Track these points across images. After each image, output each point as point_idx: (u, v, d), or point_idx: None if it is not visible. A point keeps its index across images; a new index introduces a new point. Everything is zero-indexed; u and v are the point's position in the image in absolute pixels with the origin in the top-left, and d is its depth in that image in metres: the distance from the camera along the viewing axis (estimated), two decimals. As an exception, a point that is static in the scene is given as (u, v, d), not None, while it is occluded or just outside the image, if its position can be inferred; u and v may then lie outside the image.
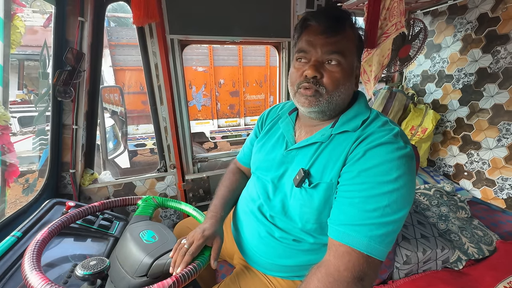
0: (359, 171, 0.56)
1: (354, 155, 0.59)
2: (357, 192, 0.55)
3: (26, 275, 0.51)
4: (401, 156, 0.55)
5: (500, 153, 1.48)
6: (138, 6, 1.06)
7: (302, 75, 0.64)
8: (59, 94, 1.12)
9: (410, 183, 0.55)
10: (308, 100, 0.64)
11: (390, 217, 0.52)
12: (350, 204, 0.56)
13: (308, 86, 0.63)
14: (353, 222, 0.54)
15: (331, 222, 0.59)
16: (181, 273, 0.57)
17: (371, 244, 0.52)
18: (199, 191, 1.55)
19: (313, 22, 0.63)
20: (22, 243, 0.76)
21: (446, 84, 1.72)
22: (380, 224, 0.52)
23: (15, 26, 1.03)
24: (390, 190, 0.53)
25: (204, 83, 4.23)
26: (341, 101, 0.65)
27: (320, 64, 0.62)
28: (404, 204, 0.54)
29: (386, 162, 0.54)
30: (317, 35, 0.62)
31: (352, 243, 0.53)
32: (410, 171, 0.55)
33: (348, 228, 0.54)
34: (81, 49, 1.14)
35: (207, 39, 1.39)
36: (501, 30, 1.40)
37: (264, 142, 0.83)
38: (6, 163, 1.07)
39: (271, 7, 1.43)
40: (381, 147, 0.56)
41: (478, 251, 1.11)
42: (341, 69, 0.62)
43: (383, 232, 0.52)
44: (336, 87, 0.63)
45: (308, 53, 0.64)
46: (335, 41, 0.61)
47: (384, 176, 0.53)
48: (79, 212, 0.75)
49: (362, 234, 0.52)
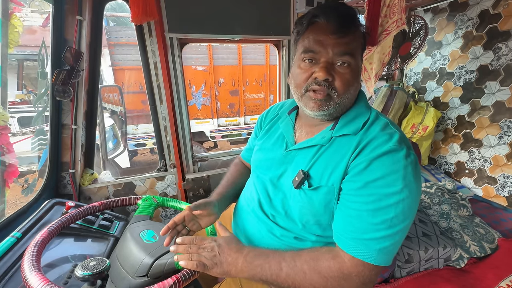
0: (365, 182, 0.55)
1: (358, 164, 0.57)
2: (365, 205, 0.55)
3: (26, 276, 0.50)
4: (406, 165, 0.54)
5: (501, 151, 1.48)
6: (136, 4, 1.05)
7: (311, 77, 0.61)
8: (58, 93, 1.11)
9: (415, 191, 0.55)
10: (317, 104, 0.61)
11: (397, 228, 0.53)
12: (358, 216, 0.56)
13: (319, 89, 0.60)
14: (362, 236, 0.54)
15: (339, 233, 0.59)
16: (182, 273, 0.57)
17: (380, 256, 0.53)
18: (199, 191, 1.55)
19: (321, 19, 0.59)
20: (22, 244, 0.76)
21: (447, 82, 1.72)
22: (388, 236, 0.53)
23: (12, 26, 1.02)
24: (396, 202, 0.53)
25: (203, 82, 4.22)
26: (349, 102, 0.64)
27: (330, 66, 0.59)
28: (410, 213, 0.54)
29: (392, 173, 0.53)
30: (327, 35, 0.58)
31: (363, 257, 0.54)
32: (415, 178, 0.55)
33: (359, 242, 0.55)
34: (80, 48, 1.13)
35: (206, 37, 1.38)
36: (503, 27, 1.39)
37: (264, 141, 0.82)
38: (5, 163, 1.06)
39: (271, 5, 1.42)
40: (386, 157, 0.55)
41: (480, 249, 1.11)
42: (351, 70, 0.60)
43: (391, 243, 0.54)
44: (347, 89, 0.60)
45: (317, 53, 0.60)
46: (347, 42, 0.58)
47: (390, 187, 0.53)
48: (79, 212, 0.75)
49: (371, 248, 0.53)
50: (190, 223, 0.72)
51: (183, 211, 0.71)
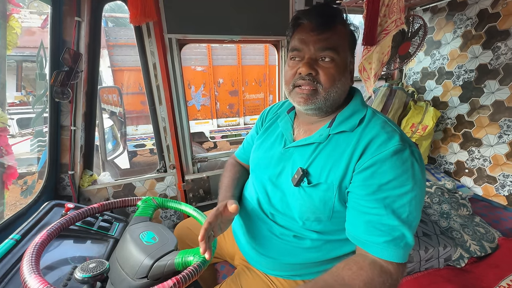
0: (378, 185, 0.57)
1: (365, 165, 0.58)
2: (383, 209, 0.56)
3: (25, 279, 0.50)
4: (413, 162, 0.57)
5: (501, 150, 1.48)
6: (135, 5, 1.05)
7: (297, 73, 0.64)
8: (57, 95, 1.11)
9: (423, 185, 0.59)
10: (303, 98, 0.64)
11: (413, 223, 0.57)
12: (379, 221, 0.57)
13: (304, 83, 0.63)
14: (388, 238, 0.56)
15: (365, 239, 0.59)
16: (182, 274, 0.57)
17: (405, 253, 0.57)
18: (199, 191, 1.55)
19: (304, 20, 0.64)
20: (21, 246, 0.76)
21: (446, 81, 1.72)
22: (408, 233, 0.56)
23: (11, 27, 1.02)
24: (409, 200, 0.56)
25: (203, 83, 4.22)
26: (337, 97, 0.66)
27: (314, 61, 0.63)
28: (421, 206, 0.59)
29: (402, 173, 0.56)
30: (308, 33, 0.63)
31: (396, 258, 0.56)
32: (422, 174, 0.58)
33: (388, 246, 0.56)
34: (78, 50, 1.13)
35: (205, 38, 1.38)
36: (502, 26, 1.39)
37: (263, 140, 0.83)
38: (4, 165, 1.06)
39: (270, 5, 1.42)
40: (395, 158, 0.56)
41: (480, 249, 1.11)
42: (335, 65, 0.63)
43: (411, 238, 0.57)
44: (333, 83, 0.63)
45: (301, 51, 0.64)
46: (327, 37, 0.62)
47: (402, 187, 0.56)
48: (78, 214, 0.75)
49: (399, 247, 0.56)
50: (216, 227, 0.67)
51: (215, 209, 0.68)
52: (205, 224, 0.62)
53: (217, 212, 0.67)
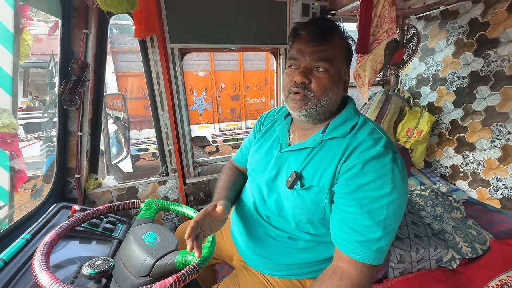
0: (357, 186, 0.60)
1: (348, 167, 0.62)
2: (359, 208, 0.59)
3: (36, 275, 0.54)
4: (393, 168, 0.59)
5: (493, 154, 1.51)
6: (139, 21, 1.11)
7: (292, 81, 0.68)
8: (65, 102, 1.17)
9: (403, 192, 0.60)
10: (297, 105, 0.68)
11: (389, 228, 0.58)
12: (353, 219, 0.60)
13: (297, 91, 0.67)
14: (360, 238, 0.58)
15: (338, 236, 0.62)
16: (182, 272, 0.60)
17: (377, 256, 0.58)
18: (199, 195, 1.59)
19: (303, 31, 0.68)
20: (31, 245, 0.80)
21: (440, 87, 1.76)
22: (383, 236, 0.58)
23: (23, 39, 1.08)
24: (387, 203, 0.57)
25: (205, 88, 4.28)
26: (329, 105, 0.69)
27: (308, 71, 0.66)
28: (400, 213, 0.60)
29: (382, 176, 0.58)
30: (306, 44, 0.66)
31: (364, 259, 0.58)
32: (403, 180, 0.60)
33: (359, 245, 0.58)
34: (86, 60, 1.19)
35: (206, 47, 1.44)
36: (492, 34, 1.43)
37: (261, 144, 0.86)
38: (14, 169, 1.12)
39: (268, 15, 1.47)
40: (375, 161, 0.59)
41: (471, 250, 1.13)
42: (329, 75, 0.66)
43: (386, 243, 0.58)
44: (323, 92, 0.66)
45: (298, 60, 0.68)
46: (323, 49, 0.65)
47: (380, 190, 0.58)
48: (84, 215, 0.78)
49: (370, 249, 0.57)
50: (205, 226, 0.69)
51: (204, 209, 0.70)
52: (192, 223, 0.64)
53: (205, 212, 0.70)
